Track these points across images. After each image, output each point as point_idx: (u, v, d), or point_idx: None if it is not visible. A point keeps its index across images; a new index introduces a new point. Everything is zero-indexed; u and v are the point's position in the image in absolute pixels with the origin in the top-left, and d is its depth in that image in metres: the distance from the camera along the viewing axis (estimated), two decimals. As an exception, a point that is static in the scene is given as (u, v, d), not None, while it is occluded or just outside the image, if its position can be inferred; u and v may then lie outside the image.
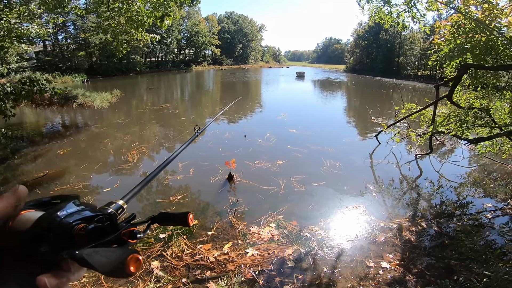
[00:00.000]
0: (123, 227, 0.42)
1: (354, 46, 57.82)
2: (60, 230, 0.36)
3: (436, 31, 5.33)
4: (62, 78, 24.67)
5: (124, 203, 0.51)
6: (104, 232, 0.40)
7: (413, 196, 5.20)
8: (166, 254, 3.24)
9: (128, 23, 6.43)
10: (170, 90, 23.24)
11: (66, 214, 0.38)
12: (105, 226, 0.40)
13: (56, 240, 0.35)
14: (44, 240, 0.35)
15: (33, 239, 0.35)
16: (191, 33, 50.26)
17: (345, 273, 3.07)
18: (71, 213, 0.38)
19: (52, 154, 6.71)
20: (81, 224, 0.38)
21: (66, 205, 0.39)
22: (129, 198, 0.55)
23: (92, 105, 12.71)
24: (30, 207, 0.39)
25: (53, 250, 0.35)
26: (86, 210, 0.40)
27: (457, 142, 8.20)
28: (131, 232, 0.41)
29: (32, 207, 0.40)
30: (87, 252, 0.32)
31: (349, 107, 16.57)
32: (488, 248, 3.43)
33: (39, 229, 0.35)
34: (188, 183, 5.24)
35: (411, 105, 7.09)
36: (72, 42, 31.00)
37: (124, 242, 0.41)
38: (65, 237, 0.36)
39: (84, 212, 0.40)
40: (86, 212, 0.40)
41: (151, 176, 0.70)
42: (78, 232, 0.37)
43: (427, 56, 34.39)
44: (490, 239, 3.78)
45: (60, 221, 0.37)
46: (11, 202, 0.37)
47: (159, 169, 0.74)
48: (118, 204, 0.49)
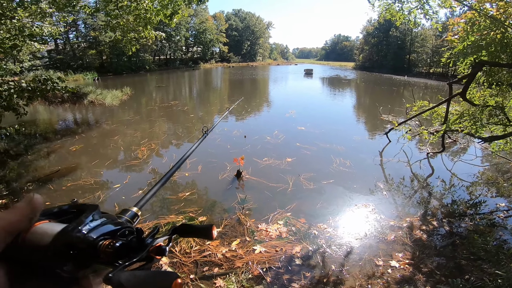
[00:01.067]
0: (150, 243, 0.39)
1: (364, 43, 57.02)
2: (85, 247, 0.33)
3: (450, 28, 5.22)
4: (73, 76, 25.15)
5: (138, 210, 0.49)
6: (129, 247, 0.37)
7: (424, 195, 5.11)
8: (175, 251, 3.27)
9: (136, 21, 6.50)
10: (179, 87, 23.41)
11: (89, 229, 0.35)
12: (129, 240, 0.38)
13: (80, 258, 0.33)
14: (67, 258, 0.32)
15: (57, 258, 0.32)
16: (199, 30, 50.41)
17: (353, 272, 3.04)
18: (94, 227, 0.35)
19: (65, 151, 6.86)
20: (106, 240, 0.35)
21: (87, 218, 0.36)
22: (143, 205, 0.54)
23: (103, 102, 12.98)
24: (44, 217, 0.36)
25: (76, 268, 0.33)
26: (108, 223, 0.38)
27: (470, 141, 8.00)
28: (158, 248, 0.39)
29: (46, 217, 0.36)
30: (126, 277, 0.29)
31: (358, 104, 16.35)
32: (501, 248, 3.35)
33: (63, 246, 0.32)
34: (196, 180, 5.28)
35: (423, 102, 6.95)
36: (82, 41, 31.50)
37: (151, 258, 0.39)
38: (90, 254, 0.33)
39: (107, 226, 0.37)
40: (108, 226, 0.37)
41: (162, 181, 0.68)
42: (104, 249, 0.34)
43: (440, 53, 33.68)
44: (503, 239, 3.69)
45: (83, 237, 0.34)
46: (25, 213, 0.33)
47: (169, 174, 0.73)
48: (132, 211, 0.48)
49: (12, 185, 5.01)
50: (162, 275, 0.30)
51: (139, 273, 0.31)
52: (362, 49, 57.92)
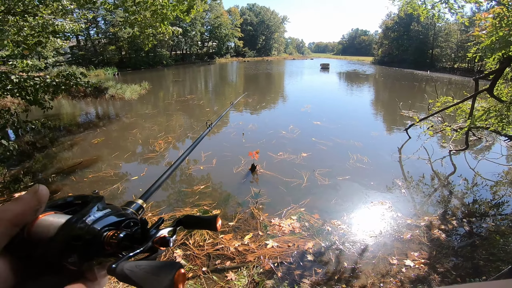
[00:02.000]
0: (154, 234, 0.39)
1: (383, 38, 55.26)
2: (89, 238, 0.33)
3: (477, 23, 4.99)
4: (95, 72, 25.99)
5: (143, 202, 0.49)
6: (134, 238, 0.37)
7: (444, 194, 4.93)
8: (188, 243, 3.34)
9: (153, 17, 6.61)
10: (195, 82, 23.67)
11: (93, 220, 0.34)
12: (134, 232, 0.38)
13: (85, 249, 0.32)
14: (72, 250, 0.31)
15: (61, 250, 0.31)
16: (214, 25, 50.56)
17: (365, 270, 3.00)
18: (99, 218, 0.35)
19: (87, 143, 7.14)
20: (111, 231, 0.35)
21: (91, 209, 0.35)
22: (148, 197, 0.54)
23: (123, 96, 13.37)
24: (49, 209, 0.35)
25: (81, 260, 0.32)
26: (112, 215, 0.37)
27: (496, 138, 7.60)
28: (162, 239, 0.38)
29: (51, 209, 0.36)
30: (129, 267, 0.29)
31: (377, 100, 15.89)
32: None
33: (67, 237, 0.32)
34: (211, 173, 5.35)
35: (447, 98, 6.67)
36: (103, 37, 32.41)
37: (155, 250, 0.38)
38: (94, 245, 0.33)
39: (111, 217, 0.37)
40: (113, 217, 0.37)
41: (167, 174, 0.68)
42: (108, 240, 0.33)
43: (465, 48, 32.09)
44: None
45: (88, 228, 0.33)
46: (31, 205, 0.32)
47: (173, 167, 0.73)
48: (137, 203, 0.47)
49: (38, 176, 5.28)
50: (166, 266, 0.29)
51: (142, 263, 0.30)
52: (381, 44, 56.17)
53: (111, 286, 2.63)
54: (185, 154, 0.84)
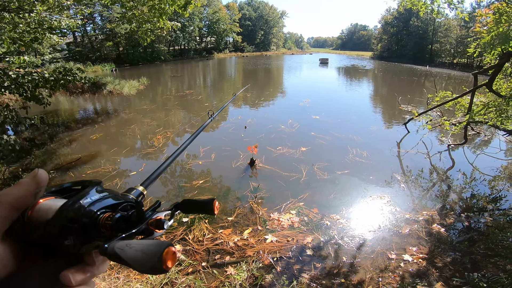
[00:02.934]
0: (149, 216, 0.39)
1: (382, 33, 54.96)
2: (85, 220, 0.33)
3: (478, 19, 4.98)
4: (92, 68, 25.80)
5: (144, 189, 0.48)
6: (130, 221, 0.37)
7: (443, 188, 4.95)
8: (188, 238, 3.35)
9: (151, 12, 6.55)
10: (193, 77, 23.54)
11: (90, 202, 0.34)
12: (130, 214, 0.38)
13: (81, 231, 0.32)
14: (68, 232, 0.31)
15: (58, 232, 0.31)
16: (212, 20, 50.13)
17: (364, 264, 3.02)
18: (95, 200, 0.35)
19: (85, 139, 7.12)
20: (107, 213, 0.35)
21: (89, 192, 0.36)
22: (148, 184, 0.53)
23: (121, 92, 13.30)
24: (50, 194, 0.36)
25: (77, 243, 0.32)
26: (109, 198, 0.37)
27: (495, 133, 7.62)
28: (158, 221, 0.38)
29: (51, 194, 0.36)
30: (119, 246, 0.29)
31: (375, 94, 15.85)
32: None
33: (63, 220, 0.32)
34: (210, 168, 5.35)
35: (446, 93, 6.67)
36: (100, 33, 32.15)
37: (151, 232, 0.38)
38: (90, 228, 0.33)
39: (108, 200, 0.37)
40: (110, 200, 0.37)
41: (168, 162, 0.68)
42: (104, 222, 0.34)
43: (464, 43, 32.00)
44: None
45: (84, 210, 0.33)
46: (30, 188, 0.32)
47: (174, 155, 0.73)
48: (138, 190, 0.47)
49: (37, 172, 5.25)
50: (155, 244, 0.29)
51: (133, 242, 0.30)
52: (381, 39, 55.87)
53: (111, 282, 2.65)
54: (187, 142, 0.85)
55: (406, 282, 2.74)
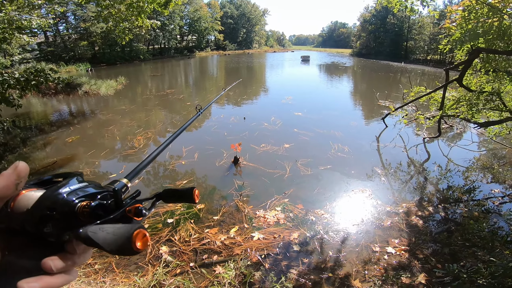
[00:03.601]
0: (128, 204, 0.40)
1: (361, 30, 56.40)
2: (63, 208, 0.34)
3: (448, 15, 5.21)
4: (66, 68, 24.68)
5: (128, 182, 0.48)
6: (109, 209, 0.38)
7: (420, 180, 5.16)
8: (174, 239, 3.30)
9: (129, 10, 6.35)
10: (174, 76, 23.10)
11: (69, 191, 0.36)
12: (109, 203, 0.38)
13: (59, 219, 0.33)
14: (46, 220, 0.33)
15: (36, 219, 0.33)
16: (193, 19, 49.27)
17: (350, 258, 3.09)
18: (74, 190, 0.36)
19: (61, 142, 6.80)
20: (85, 201, 0.36)
21: (68, 182, 0.37)
22: (133, 177, 0.53)
23: (97, 92, 12.81)
24: (31, 186, 0.37)
25: (57, 231, 0.33)
26: (89, 187, 0.39)
27: (466, 126, 8.04)
28: (136, 208, 0.39)
29: (33, 186, 0.38)
30: (92, 229, 0.31)
31: (355, 90, 16.27)
32: (495, 235, 3.36)
33: (42, 208, 0.33)
34: (193, 168, 5.28)
35: (420, 88, 6.95)
36: (73, 32, 30.78)
37: (129, 219, 0.39)
38: (68, 215, 0.34)
39: (87, 188, 0.38)
40: (89, 188, 0.38)
41: (154, 154, 0.68)
42: (81, 209, 0.35)
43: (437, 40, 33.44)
44: (498, 226, 3.72)
45: (63, 199, 0.35)
46: (11, 179, 0.34)
47: (161, 147, 0.73)
48: (122, 182, 0.47)
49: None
50: (126, 226, 0.31)
51: (105, 226, 0.32)
52: (359, 36, 57.34)
53: (97, 286, 2.56)
54: (173, 136, 0.84)
55: (391, 274, 2.83)
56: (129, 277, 2.77)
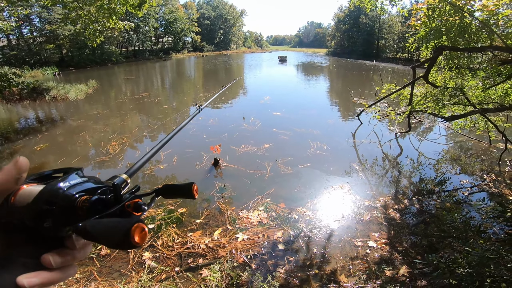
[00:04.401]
0: (127, 199, 0.40)
1: (335, 30, 58.02)
2: (63, 203, 0.34)
3: (413, 13, 5.44)
4: (31, 72, 23.23)
5: (128, 177, 0.49)
6: (108, 204, 0.38)
7: (395, 174, 5.39)
8: (156, 245, 3.22)
9: (99, 12, 6.11)
10: (150, 79, 22.46)
11: (68, 186, 0.36)
12: (108, 198, 0.38)
13: (59, 214, 0.33)
14: (46, 215, 0.33)
15: (36, 214, 0.33)
16: (169, 20, 48.21)
17: (334, 253, 3.15)
18: (74, 184, 0.37)
19: (29, 151, 6.40)
20: (84, 196, 0.36)
21: (68, 177, 0.37)
22: (133, 173, 0.54)
23: (66, 97, 12.17)
24: (32, 181, 0.37)
25: (57, 226, 0.33)
26: (89, 182, 0.39)
27: (435, 120, 8.50)
28: (135, 203, 0.39)
29: (33, 181, 0.38)
30: (91, 223, 0.31)
31: (331, 89, 16.71)
32: (468, 225, 3.47)
33: (42, 203, 0.33)
34: (173, 172, 5.18)
35: (391, 85, 7.26)
36: (38, 35, 29.01)
37: (129, 214, 0.39)
38: (68, 210, 0.34)
39: (87, 183, 0.38)
40: (89, 183, 0.39)
41: (154, 151, 0.69)
42: (81, 204, 0.35)
43: (405, 39, 35.15)
44: (469, 216, 3.89)
45: (63, 193, 0.35)
46: (11, 174, 0.34)
47: (161, 143, 0.74)
48: (121, 178, 0.48)
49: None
50: (125, 220, 0.31)
51: (104, 220, 0.32)
52: (334, 36, 58.98)
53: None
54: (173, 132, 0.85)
55: (374, 268, 2.92)
56: (112, 285, 2.67)
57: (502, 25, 4.71)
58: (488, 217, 3.70)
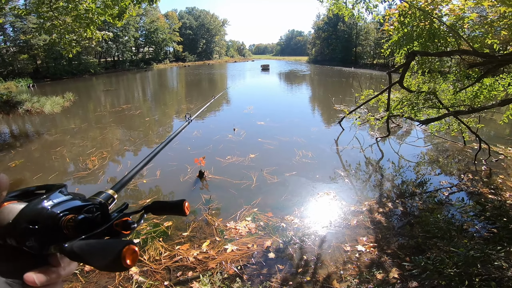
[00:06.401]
0: (115, 217, 0.39)
1: (315, 38, 59.73)
2: (46, 222, 0.33)
3: (386, 19, 5.65)
4: (4, 84, 22.25)
5: (114, 193, 0.48)
6: (95, 223, 0.37)
7: (378, 178, 5.52)
8: (143, 259, 3.11)
9: (76, 22, 5.97)
10: (131, 90, 22.05)
11: (52, 204, 0.34)
12: (95, 216, 0.37)
13: (42, 233, 0.32)
14: (29, 234, 0.32)
15: (18, 233, 0.32)
16: (150, 30, 47.86)
17: (324, 260, 3.15)
18: (58, 203, 0.35)
19: (3, 167, 6.05)
20: (69, 215, 0.35)
21: (51, 195, 0.36)
22: (119, 188, 0.52)
23: (41, 110, 11.64)
24: (12, 198, 0.36)
25: (40, 244, 0.32)
26: (74, 200, 0.37)
27: (412, 124, 8.83)
28: (124, 222, 0.39)
29: (14, 198, 0.36)
30: (78, 245, 0.30)
31: (313, 97, 17.06)
32: (451, 224, 3.54)
33: (23, 222, 0.32)
34: (157, 185, 5.05)
35: (369, 91, 7.48)
36: (12, 45, 27.91)
37: (117, 233, 0.38)
38: (52, 229, 0.33)
39: (72, 202, 0.37)
40: (75, 201, 0.37)
41: (141, 165, 0.67)
42: (66, 223, 0.34)
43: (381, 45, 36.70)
44: (451, 215, 3.99)
45: (46, 212, 0.33)
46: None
47: (147, 159, 0.73)
48: (107, 193, 0.46)
49: None
50: (115, 241, 0.29)
51: (92, 241, 0.31)
52: (314, 44, 60.67)
53: None
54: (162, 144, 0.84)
55: (365, 272, 2.94)
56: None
57: (468, 28, 4.99)
58: (469, 216, 3.81)
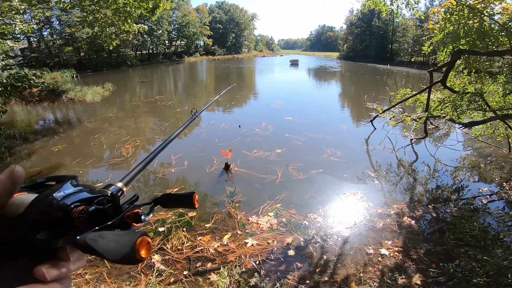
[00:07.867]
0: (126, 209, 0.39)
1: (348, 34, 57.61)
2: (57, 213, 0.32)
3: (430, 17, 5.33)
4: (50, 74, 24.09)
5: (124, 186, 0.48)
6: (106, 215, 0.37)
7: (409, 181, 5.24)
8: (166, 248, 3.23)
9: (115, 15, 6.28)
10: (163, 82, 22.90)
11: (63, 196, 0.34)
12: (106, 208, 0.37)
13: (53, 225, 0.32)
14: (40, 226, 0.31)
15: (29, 225, 0.31)
16: (182, 24, 49.23)
17: (345, 261, 3.08)
18: (69, 194, 0.35)
19: (46, 151, 6.60)
20: (81, 206, 0.34)
21: (62, 186, 0.35)
22: (128, 181, 0.53)
23: (84, 99, 12.56)
24: (23, 189, 0.35)
25: (50, 237, 0.32)
26: (84, 191, 0.37)
27: (452, 126, 8.24)
28: (135, 214, 0.38)
29: (24, 189, 0.36)
30: (91, 237, 0.29)
31: (343, 93, 16.50)
32: (486, 233, 3.35)
33: (34, 213, 0.31)
34: (184, 175, 5.21)
35: (406, 90, 7.09)
36: (58, 38, 30.16)
37: (128, 225, 0.38)
38: (63, 221, 0.33)
39: (83, 193, 0.36)
40: (85, 193, 0.37)
41: (149, 158, 0.68)
42: (77, 215, 0.33)
43: (420, 42, 34.52)
44: (487, 224, 3.74)
45: (57, 204, 0.33)
46: (5, 186, 0.31)
47: (156, 151, 0.73)
48: (117, 186, 0.46)
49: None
50: (129, 233, 0.29)
51: (105, 233, 0.30)
52: (346, 39, 58.51)
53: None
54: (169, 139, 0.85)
55: (386, 276, 2.83)
56: (121, 287, 2.69)
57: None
58: (507, 225, 3.57)
